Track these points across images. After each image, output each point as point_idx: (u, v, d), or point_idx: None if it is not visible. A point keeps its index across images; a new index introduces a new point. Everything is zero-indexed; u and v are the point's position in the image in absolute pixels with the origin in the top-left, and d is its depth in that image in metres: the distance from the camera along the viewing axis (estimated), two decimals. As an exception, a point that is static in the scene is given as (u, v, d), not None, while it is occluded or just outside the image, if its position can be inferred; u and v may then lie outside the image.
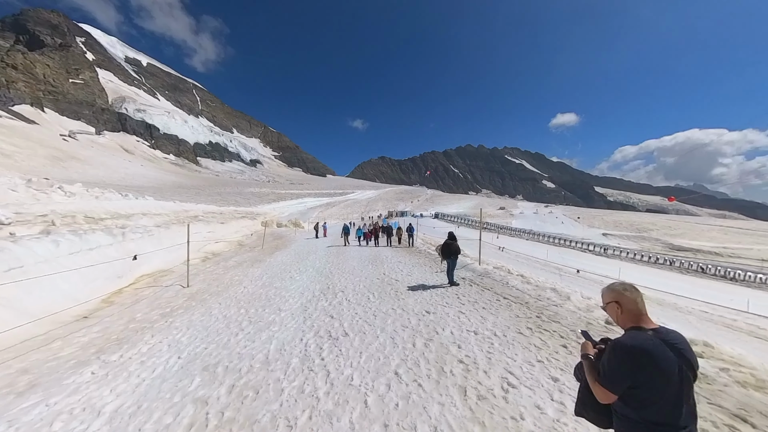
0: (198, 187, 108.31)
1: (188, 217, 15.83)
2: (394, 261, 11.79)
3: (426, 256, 12.72)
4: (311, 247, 16.33)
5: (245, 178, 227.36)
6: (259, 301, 6.86)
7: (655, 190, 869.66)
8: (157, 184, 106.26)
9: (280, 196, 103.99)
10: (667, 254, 46.59)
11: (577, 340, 4.07)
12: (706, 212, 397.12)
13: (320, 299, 6.79)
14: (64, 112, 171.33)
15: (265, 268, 10.43)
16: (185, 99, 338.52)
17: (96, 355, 4.27)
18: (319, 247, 16.30)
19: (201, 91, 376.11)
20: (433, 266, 10.32)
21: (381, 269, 9.92)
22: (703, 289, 23.43)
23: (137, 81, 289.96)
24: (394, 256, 12.98)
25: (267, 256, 13.21)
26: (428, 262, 11.26)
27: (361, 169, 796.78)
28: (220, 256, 12.96)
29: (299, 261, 12.13)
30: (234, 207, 36.13)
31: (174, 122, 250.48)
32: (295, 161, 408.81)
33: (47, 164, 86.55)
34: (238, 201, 75.15)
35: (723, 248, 55.38)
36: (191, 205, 19.10)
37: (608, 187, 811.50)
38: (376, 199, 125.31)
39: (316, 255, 13.55)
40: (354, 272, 9.57)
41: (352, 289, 7.57)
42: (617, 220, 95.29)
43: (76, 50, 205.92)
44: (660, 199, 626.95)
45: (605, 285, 1.60)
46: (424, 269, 9.84)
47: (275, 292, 7.53)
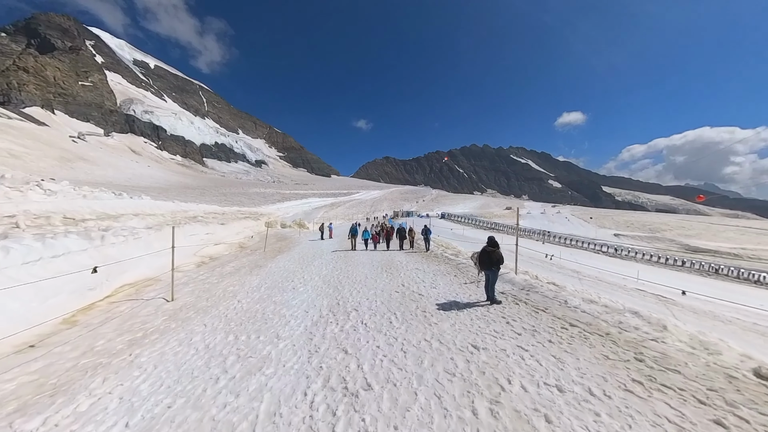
0: (203, 188, 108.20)
1: (187, 218, 14.62)
2: (410, 268, 10.36)
3: (446, 262, 11.25)
4: (316, 250, 15.05)
5: (250, 178, 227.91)
6: (254, 322, 5.50)
7: (665, 190, 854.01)
8: (164, 184, 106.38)
9: (284, 196, 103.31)
10: (685, 255, 44.34)
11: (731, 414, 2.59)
12: (718, 212, 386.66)
13: (329, 321, 5.41)
14: (73, 114, 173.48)
15: (265, 276, 9.14)
16: (192, 100, 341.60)
17: (6, 420, 2.93)
18: (324, 250, 15.01)
19: (207, 93, 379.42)
20: (459, 275, 8.86)
21: (398, 279, 8.51)
22: (731, 293, 21.47)
23: (145, 83, 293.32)
24: (409, 263, 11.55)
25: (268, 261, 11.90)
26: (451, 270, 9.79)
27: (365, 169, 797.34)
28: (218, 261, 11.69)
29: (303, 267, 10.82)
30: (237, 207, 35.07)
31: (181, 123, 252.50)
32: (300, 162, 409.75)
33: (56, 165, 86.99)
34: (242, 201, 74.42)
35: (742, 249, 52.80)
36: (191, 206, 17.94)
37: (616, 187, 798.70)
38: (381, 199, 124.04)
39: (321, 260, 12.26)
40: (366, 282, 8.20)
41: (367, 306, 6.18)
42: (628, 220, 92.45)
43: (85, 53, 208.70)
44: (670, 198, 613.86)
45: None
46: (449, 279, 8.40)
47: (274, 309, 6.17)
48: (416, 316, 5.49)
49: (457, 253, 12.55)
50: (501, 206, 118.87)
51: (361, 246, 16.69)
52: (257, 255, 13.44)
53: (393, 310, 5.91)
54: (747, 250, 54.35)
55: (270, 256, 13.18)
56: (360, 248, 16.00)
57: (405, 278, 8.58)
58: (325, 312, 5.90)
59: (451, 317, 5.37)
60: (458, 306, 5.99)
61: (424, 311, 5.75)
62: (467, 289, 7.29)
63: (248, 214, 33.18)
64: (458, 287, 7.52)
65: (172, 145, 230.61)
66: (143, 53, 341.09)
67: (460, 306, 5.99)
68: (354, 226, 17.18)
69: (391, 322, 5.28)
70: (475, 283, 7.75)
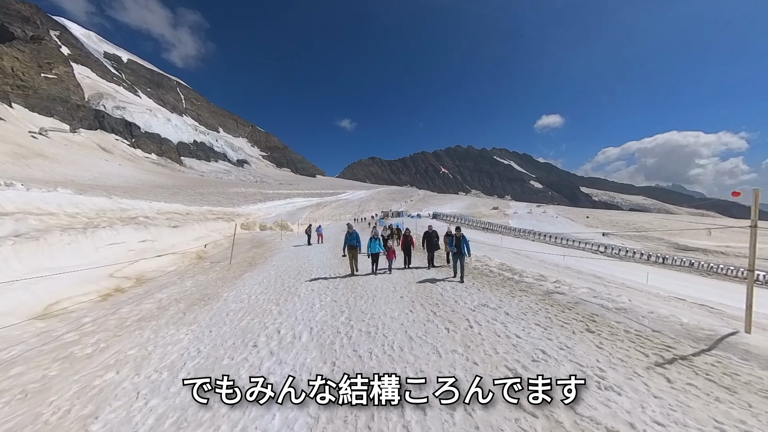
0: (179, 187, 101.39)
1: (120, 219, 10.94)
2: (488, 316, 5.34)
3: (529, 292, 6.49)
4: (302, 263, 11.59)
5: (232, 178, 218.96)
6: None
7: (637, 190, 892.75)
8: (134, 183, 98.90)
9: (267, 196, 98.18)
10: (677, 254, 43.63)
11: None
12: (685, 211, 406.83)
13: None
14: (34, 108, 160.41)
15: (209, 324, 5.38)
16: (168, 97, 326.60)
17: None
18: (313, 263, 11.49)
19: (185, 89, 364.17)
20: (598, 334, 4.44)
21: (489, 354, 3.97)
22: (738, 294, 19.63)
23: (117, 77, 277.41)
24: (467, 296, 6.53)
25: (228, 285, 8.31)
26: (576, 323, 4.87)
27: (351, 169, 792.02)
28: (146, 285, 8.08)
29: (281, 299, 6.89)
30: (209, 207, 30.94)
31: (156, 120, 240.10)
32: (284, 161, 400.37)
33: (7, 161, 78.56)
34: (220, 201, 69.25)
35: (726, 247, 53.17)
36: (138, 203, 14.16)
37: (593, 188, 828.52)
38: (368, 199, 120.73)
39: (310, 285, 7.98)
40: (419, 359, 3.89)
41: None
42: (613, 219, 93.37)
43: (49, 44, 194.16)
44: (642, 198, 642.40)
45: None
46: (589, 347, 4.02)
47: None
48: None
49: (540, 278, 7.48)
50: (488, 206, 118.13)
51: (364, 265, 10.01)
52: (215, 272, 9.95)
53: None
54: (730, 248, 54.87)
55: (234, 273, 9.68)
56: (364, 268, 9.78)
57: (507, 352, 3.93)
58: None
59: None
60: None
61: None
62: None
63: (221, 215, 29.18)
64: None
65: (147, 143, 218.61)
66: (115, 46, 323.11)
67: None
68: (351, 234, 9.82)
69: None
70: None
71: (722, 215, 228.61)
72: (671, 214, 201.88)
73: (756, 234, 4.17)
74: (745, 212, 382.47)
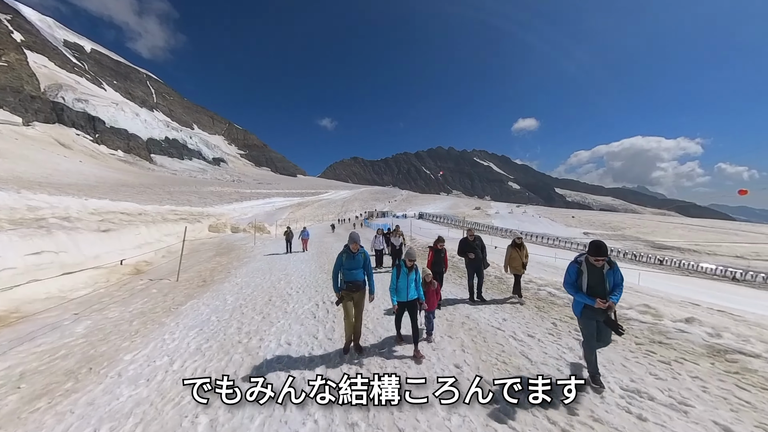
0: (146, 186, 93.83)
1: (15, 220, 7.58)
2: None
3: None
4: (276, 282, 8.16)
5: (207, 177, 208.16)
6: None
7: (606, 191, 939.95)
8: (94, 181, 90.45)
9: (244, 195, 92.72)
10: (657, 253, 43.95)
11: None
12: (649, 211, 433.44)
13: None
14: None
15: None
16: (137, 90, 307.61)
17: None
18: (292, 283, 7.90)
19: (156, 83, 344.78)
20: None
21: None
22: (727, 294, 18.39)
23: (78, 68, 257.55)
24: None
25: (146, 330, 5.02)
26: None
27: (333, 169, 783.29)
28: (19, 327, 4.93)
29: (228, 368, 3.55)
30: (173, 206, 26.97)
31: (123, 115, 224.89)
32: (263, 160, 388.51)
33: (-61, 156, 69.05)
34: (191, 200, 63.85)
35: (696, 245, 54.78)
36: (63, 200, 10.63)
37: (567, 189, 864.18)
38: (351, 199, 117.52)
39: (286, 335, 4.43)
40: None
41: None
42: (590, 219, 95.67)
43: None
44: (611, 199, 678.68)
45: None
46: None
47: None
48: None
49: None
50: (470, 206, 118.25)
51: (382, 323, 4.88)
52: (143, 300, 6.81)
53: None
54: (700, 246, 56.61)
55: (171, 302, 6.52)
56: (374, 323, 4.87)
57: None
58: None
59: None
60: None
61: None
62: None
63: (186, 215, 25.37)
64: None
65: (112, 138, 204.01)
66: (77, 34, 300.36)
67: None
68: (355, 255, 3.97)
69: None
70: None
71: (681, 215, 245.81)
72: (638, 214, 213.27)
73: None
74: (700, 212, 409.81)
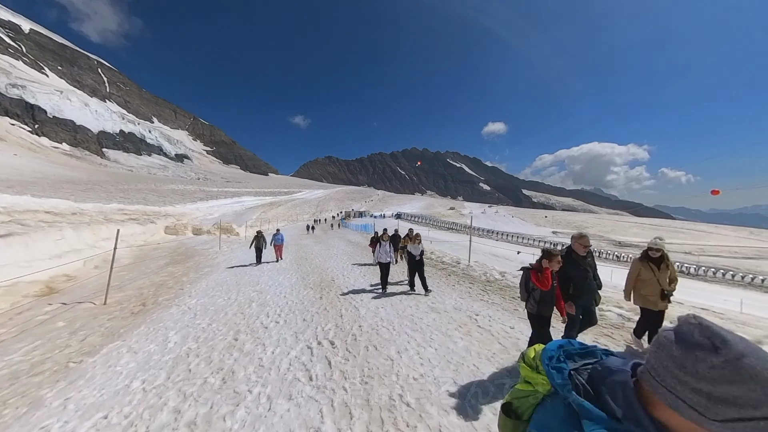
0: (95, 183, 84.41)
1: None
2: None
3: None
4: (244, 306, 5.73)
5: (168, 174, 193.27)
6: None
7: (567, 193, 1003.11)
8: (32, 177, 79.80)
9: (210, 194, 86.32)
10: (617, 250, 46.17)
11: None
12: (604, 211, 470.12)
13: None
14: None
15: None
16: (86, 78, 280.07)
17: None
18: (268, 307, 5.68)
19: (109, 71, 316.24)
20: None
21: None
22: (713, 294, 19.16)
23: (14, 49, 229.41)
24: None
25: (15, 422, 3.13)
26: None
27: (307, 168, 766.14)
28: None
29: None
30: (122, 205, 23.21)
31: (69, 104, 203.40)
32: (232, 158, 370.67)
33: None
34: (147, 199, 57.71)
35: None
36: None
37: (533, 190, 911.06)
38: (326, 198, 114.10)
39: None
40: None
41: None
42: (557, 219, 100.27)
43: None
44: (572, 200, 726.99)
45: None
46: None
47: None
48: None
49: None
50: (444, 206, 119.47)
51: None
52: (33, 342, 4.44)
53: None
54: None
55: (73, 351, 4.11)
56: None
57: None
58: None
59: None
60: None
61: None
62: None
63: (137, 215, 21.88)
64: None
65: (56, 130, 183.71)
66: (12, 12, 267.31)
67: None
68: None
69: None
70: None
71: (632, 215, 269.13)
72: (596, 214, 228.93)
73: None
74: (647, 212, 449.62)
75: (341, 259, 11.81)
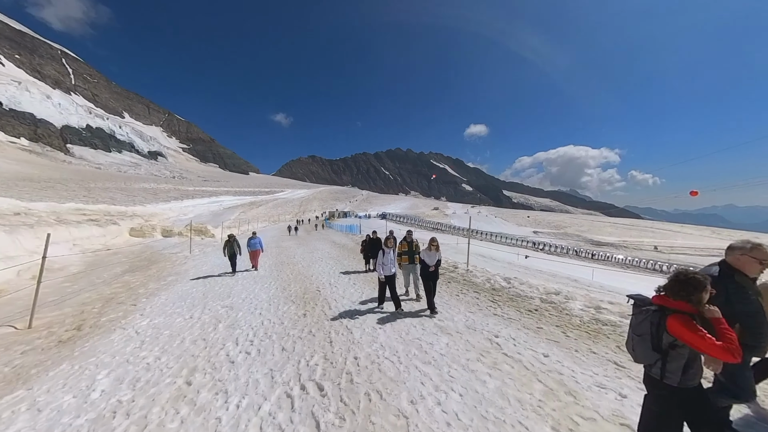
0: (57, 181, 78.26)
1: None
2: None
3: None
4: (211, 343, 4.13)
5: (141, 172, 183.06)
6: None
7: (545, 194, 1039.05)
8: (-18, 174, 73.01)
9: (185, 193, 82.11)
10: (594, 249, 47.50)
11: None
12: (579, 211, 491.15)
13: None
14: None
15: None
16: (48, 68, 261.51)
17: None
18: (239, 342, 3.98)
19: (75, 62, 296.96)
20: None
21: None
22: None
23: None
24: None
25: None
26: None
27: (289, 167, 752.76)
28: None
29: None
30: (80, 205, 20.98)
31: (28, 96, 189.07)
32: (210, 156, 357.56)
33: None
34: (115, 198, 53.80)
35: (624, 241, 61.24)
36: None
37: (513, 191, 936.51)
38: (310, 198, 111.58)
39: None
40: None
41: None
42: (538, 219, 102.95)
43: None
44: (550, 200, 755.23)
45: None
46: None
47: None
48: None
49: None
50: (428, 207, 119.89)
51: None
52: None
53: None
54: (627, 241, 63.28)
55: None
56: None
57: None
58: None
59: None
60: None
61: None
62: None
63: (97, 215, 19.81)
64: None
65: (13, 123, 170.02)
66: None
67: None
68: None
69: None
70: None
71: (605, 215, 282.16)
72: (571, 214, 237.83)
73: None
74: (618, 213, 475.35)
75: (327, 263, 10.72)
